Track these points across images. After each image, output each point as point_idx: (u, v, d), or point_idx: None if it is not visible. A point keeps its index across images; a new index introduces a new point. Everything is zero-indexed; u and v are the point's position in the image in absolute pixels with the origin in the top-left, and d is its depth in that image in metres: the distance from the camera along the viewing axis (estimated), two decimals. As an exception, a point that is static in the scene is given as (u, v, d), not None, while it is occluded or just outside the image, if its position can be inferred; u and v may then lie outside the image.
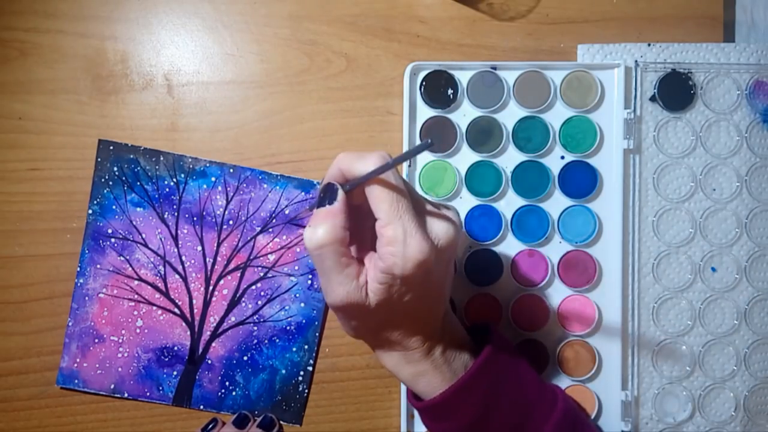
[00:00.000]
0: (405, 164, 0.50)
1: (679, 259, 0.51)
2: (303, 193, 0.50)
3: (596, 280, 0.50)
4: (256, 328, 0.50)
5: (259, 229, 0.50)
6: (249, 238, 0.50)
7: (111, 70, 0.51)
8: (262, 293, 0.50)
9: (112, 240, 0.49)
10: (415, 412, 0.49)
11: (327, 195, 0.37)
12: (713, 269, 0.51)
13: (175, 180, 0.49)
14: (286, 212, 0.50)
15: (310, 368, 0.50)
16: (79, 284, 0.49)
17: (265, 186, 0.50)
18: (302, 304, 0.50)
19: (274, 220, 0.50)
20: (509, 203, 0.51)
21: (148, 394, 0.49)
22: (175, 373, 0.50)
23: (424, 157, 0.51)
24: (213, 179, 0.50)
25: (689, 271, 0.51)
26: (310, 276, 0.50)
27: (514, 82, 0.50)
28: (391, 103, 0.51)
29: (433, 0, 0.52)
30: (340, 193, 0.37)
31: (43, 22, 0.50)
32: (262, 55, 0.51)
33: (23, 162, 0.50)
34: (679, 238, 0.51)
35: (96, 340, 0.49)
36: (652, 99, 0.51)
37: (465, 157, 0.51)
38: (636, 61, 0.51)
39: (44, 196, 0.50)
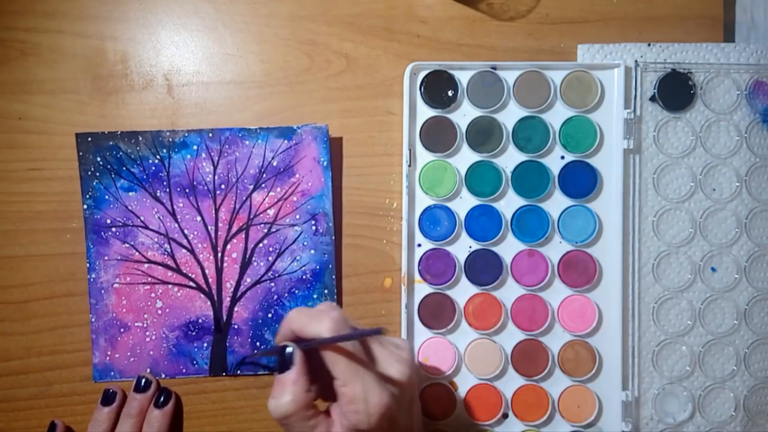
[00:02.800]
0: (405, 164, 0.50)
1: (679, 259, 0.51)
2: (286, 141, 0.50)
3: (596, 280, 0.50)
4: (273, 284, 0.50)
5: (252, 187, 0.50)
6: (245, 198, 0.50)
7: (111, 70, 0.51)
8: (271, 249, 0.50)
9: (113, 229, 0.50)
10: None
11: (284, 358, 0.38)
12: (713, 269, 0.51)
13: (158, 157, 0.49)
14: (274, 164, 0.50)
15: None
16: (92, 279, 0.49)
17: (247, 143, 0.50)
18: (312, 251, 0.50)
19: (264, 175, 0.50)
20: (509, 203, 0.51)
21: (183, 370, 0.50)
22: (205, 344, 0.50)
23: (424, 157, 0.51)
24: (195, 147, 0.50)
25: (689, 271, 0.51)
26: (313, 222, 0.50)
27: (514, 82, 0.50)
28: (391, 103, 0.51)
29: (433, 0, 0.52)
30: (297, 356, 0.38)
31: (43, 22, 0.50)
32: (262, 55, 0.51)
33: (23, 162, 0.50)
34: (679, 238, 0.51)
35: (122, 330, 0.50)
36: (652, 99, 0.51)
37: (465, 157, 0.51)
38: (636, 61, 0.51)
39: (44, 196, 0.50)
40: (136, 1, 0.51)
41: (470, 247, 0.51)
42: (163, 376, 0.50)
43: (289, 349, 0.39)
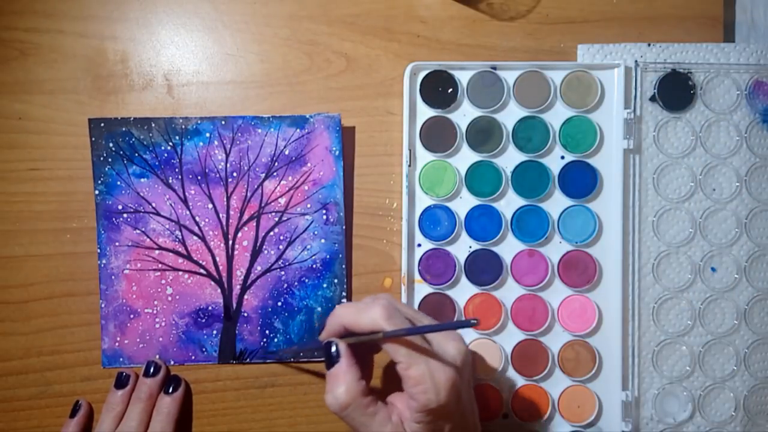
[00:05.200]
0: (405, 164, 0.50)
1: (679, 259, 0.51)
2: (298, 130, 0.50)
3: (596, 280, 0.50)
4: (283, 272, 0.50)
5: (263, 175, 0.50)
6: (256, 186, 0.50)
7: (111, 70, 0.51)
8: (282, 237, 0.50)
9: (125, 215, 0.50)
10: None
11: (331, 353, 0.39)
12: (713, 269, 0.51)
13: (171, 144, 0.50)
14: (286, 152, 0.50)
15: (344, 300, 0.50)
16: (102, 265, 0.49)
17: (260, 131, 0.50)
18: (322, 240, 0.50)
19: (276, 164, 0.50)
20: (509, 203, 0.51)
21: (193, 357, 0.50)
22: (214, 332, 0.50)
23: (424, 157, 0.51)
24: (208, 135, 0.50)
25: (689, 271, 0.51)
26: (324, 211, 0.50)
27: (514, 82, 0.50)
28: (391, 103, 0.51)
29: (433, 0, 0.52)
30: (343, 349, 0.39)
31: (43, 22, 0.50)
32: (262, 55, 0.51)
33: (23, 162, 0.50)
34: (679, 238, 0.51)
35: (131, 316, 0.50)
36: (652, 99, 0.51)
37: (465, 157, 0.51)
38: (636, 61, 0.51)
39: (44, 196, 0.50)
40: (136, 1, 0.51)
41: (470, 247, 0.51)
42: (172, 362, 0.50)
43: (333, 346, 0.39)
